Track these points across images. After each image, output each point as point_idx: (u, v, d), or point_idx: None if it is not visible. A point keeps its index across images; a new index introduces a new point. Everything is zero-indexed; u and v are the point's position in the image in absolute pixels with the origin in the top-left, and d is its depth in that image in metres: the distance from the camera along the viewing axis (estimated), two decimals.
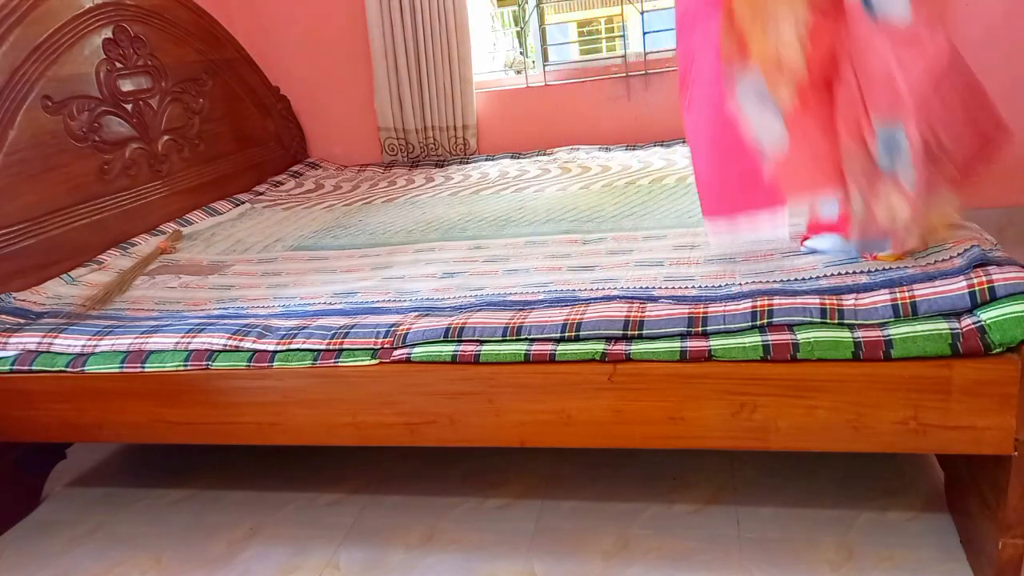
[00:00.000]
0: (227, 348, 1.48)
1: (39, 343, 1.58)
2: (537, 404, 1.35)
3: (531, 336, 1.34)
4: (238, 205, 2.60)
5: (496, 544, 1.52)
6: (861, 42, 1.20)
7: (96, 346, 1.55)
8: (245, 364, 1.46)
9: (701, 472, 1.66)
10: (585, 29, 4.67)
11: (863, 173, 1.24)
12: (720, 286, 1.43)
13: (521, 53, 3.27)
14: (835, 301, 1.24)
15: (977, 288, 1.16)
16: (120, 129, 2.25)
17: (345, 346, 1.42)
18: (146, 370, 1.50)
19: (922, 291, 1.20)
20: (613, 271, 1.61)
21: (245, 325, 1.52)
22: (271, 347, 1.46)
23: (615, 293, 1.44)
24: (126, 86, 2.29)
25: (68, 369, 1.54)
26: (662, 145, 2.83)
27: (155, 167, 2.37)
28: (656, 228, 1.88)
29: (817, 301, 1.24)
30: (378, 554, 1.54)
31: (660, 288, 1.46)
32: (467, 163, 2.95)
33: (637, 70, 2.95)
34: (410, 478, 1.77)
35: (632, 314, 1.31)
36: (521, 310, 1.41)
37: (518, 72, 3.20)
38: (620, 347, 1.29)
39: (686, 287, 1.46)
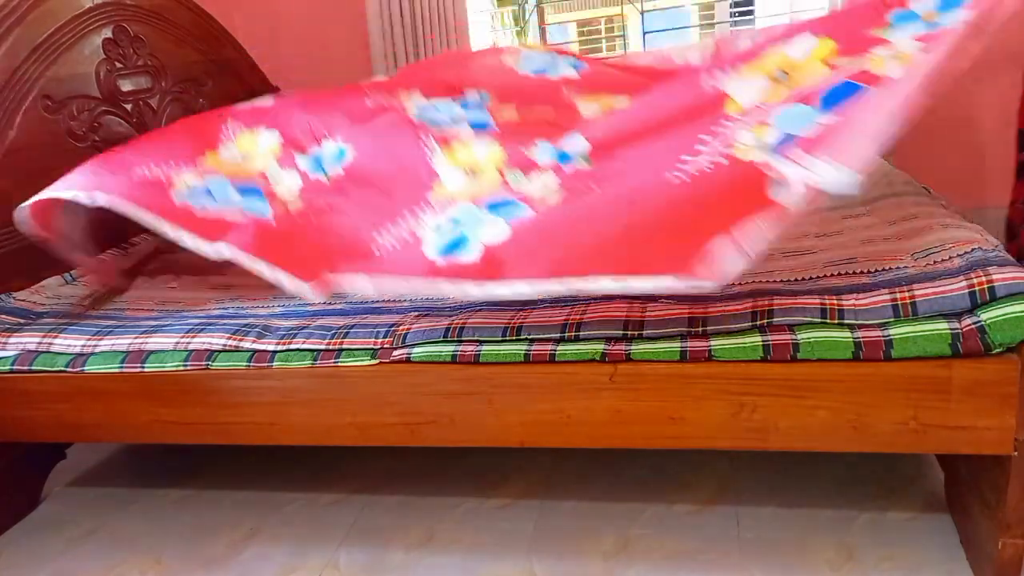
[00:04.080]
0: (227, 348, 1.48)
1: (39, 343, 1.58)
2: (537, 404, 1.35)
3: (531, 336, 1.34)
4: None
5: (496, 544, 1.52)
6: None
7: (96, 346, 1.55)
8: (245, 364, 1.46)
9: (701, 472, 1.66)
10: (585, 29, 4.67)
11: None
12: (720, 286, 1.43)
13: None
14: (835, 301, 1.24)
15: (977, 288, 1.16)
16: (120, 129, 2.25)
17: (345, 346, 1.42)
18: (146, 370, 1.50)
19: (922, 291, 1.20)
20: None
21: (245, 325, 1.52)
22: (271, 347, 1.46)
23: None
24: (126, 86, 2.29)
25: (68, 369, 1.54)
26: None
27: None
28: None
29: (817, 301, 1.24)
30: (378, 554, 1.54)
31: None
32: None
33: None
34: (410, 478, 1.77)
35: (632, 314, 1.31)
36: (521, 310, 1.41)
37: None
38: (620, 347, 1.29)
39: None
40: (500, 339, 1.35)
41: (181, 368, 1.49)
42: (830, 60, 1.33)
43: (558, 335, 1.32)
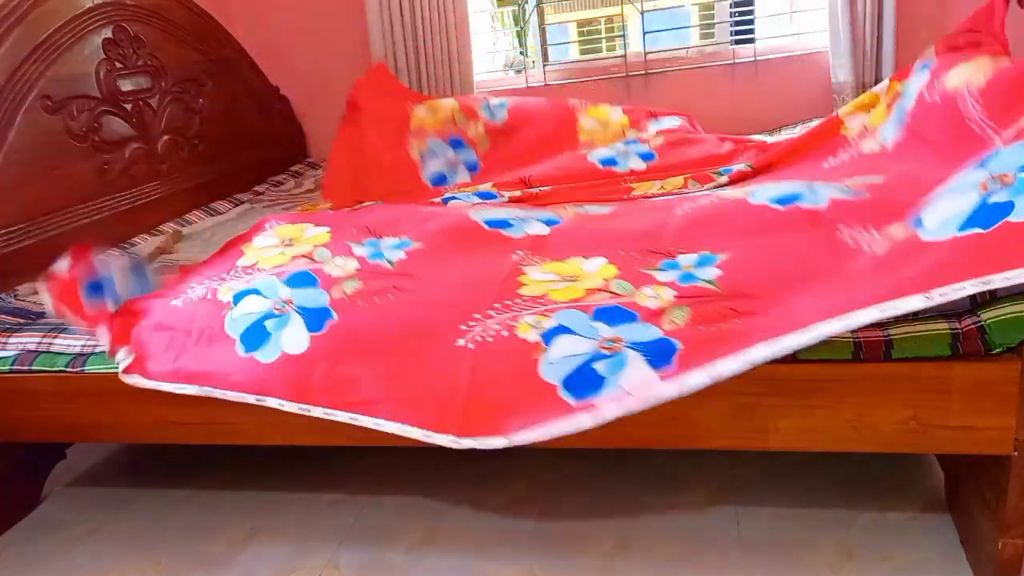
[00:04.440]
0: None
1: (39, 343, 1.58)
2: None
3: None
4: (238, 205, 2.59)
5: (496, 544, 1.52)
6: None
7: (96, 346, 1.54)
8: None
9: (701, 472, 1.66)
10: (585, 29, 4.67)
11: None
12: None
13: (521, 53, 3.27)
14: None
15: None
16: (120, 129, 2.25)
17: None
18: None
19: None
20: None
21: None
22: None
23: None
24: (126, 86, 2.29)
25: (68, 369, 1.54)
26: None
27: (155, 167, 2.37)
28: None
29: None
30: (378, 554, 1.54)
31: None
32: None
33: (637, 70, 2.95)
34: (410, 478, 1.77)
35: None
36: None
37: (518, 72, 3.20)
38: None
39: None
40: None
41: None
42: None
43: None
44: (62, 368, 1.54)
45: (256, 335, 1.38)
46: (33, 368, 1.57)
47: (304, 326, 1.36)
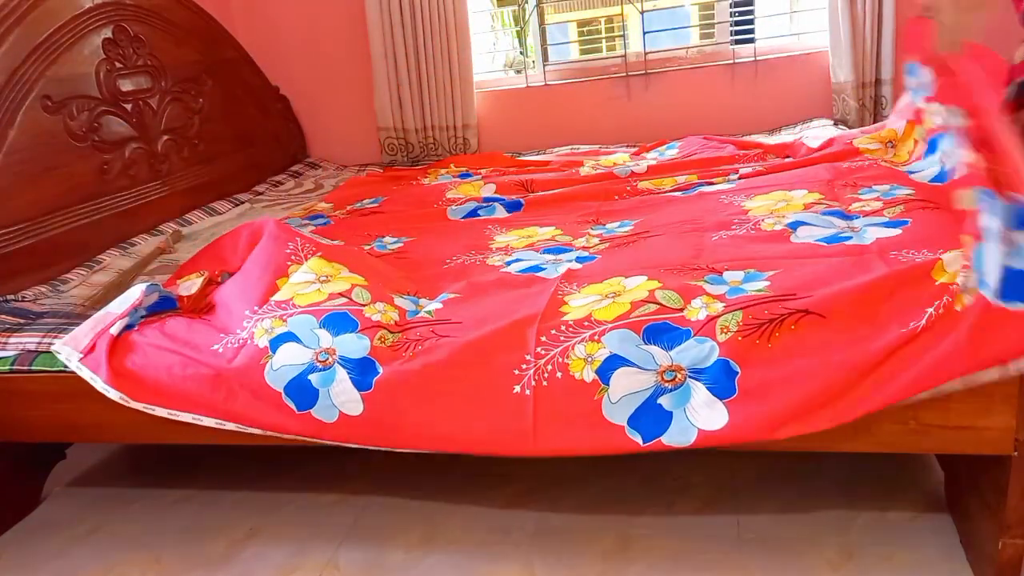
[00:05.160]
0: None
1: (39, 343, 1.58)
2: None
3: None
4: (238, 205, 2.59)
5: (496, 544, 1.52)
6: None
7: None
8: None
9: (701, 472, 1.66)
10: (585, 29, 4.67)
11: None
12: None
13: (521, 53, 3.28)
14: None
15: None
16: (120, 129, 2.25)
17: None
18: None
19: None
20: None
21: None
22: None
23: None
24: (126, 86, 2.29)
25: (68, 369, 1.54)
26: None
27: (155, 167, 2.37)
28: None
29: None
30: (378, 554, 1.54)
31: None
32: None
33: (637, 70, 2.95)
34: (410, 478, 1.77)
35: None
36: None
37: (518, 72, 3.20)
38: None
39: None
40: None
41: None
42: None
43: None
44: (62, 368, 1.54)
45: (303, 392, 1.34)
46: (33, 368, 1.57)
47: (351, 382, 1.31)
